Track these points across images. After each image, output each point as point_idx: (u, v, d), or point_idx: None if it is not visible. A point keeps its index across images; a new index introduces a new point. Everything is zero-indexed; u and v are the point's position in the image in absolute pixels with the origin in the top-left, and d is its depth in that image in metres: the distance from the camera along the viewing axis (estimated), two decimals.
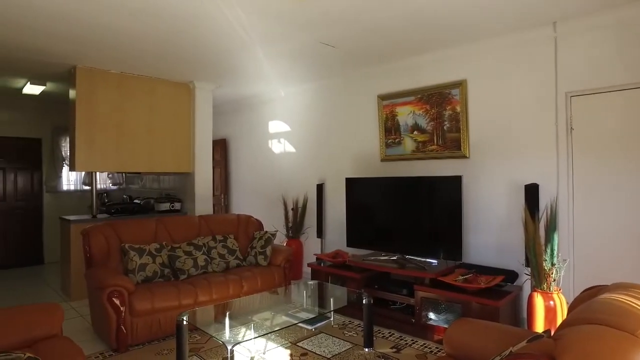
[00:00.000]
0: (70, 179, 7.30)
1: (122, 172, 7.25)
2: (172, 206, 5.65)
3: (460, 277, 3.53)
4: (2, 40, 3.92)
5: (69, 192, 7.30)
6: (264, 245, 4.58)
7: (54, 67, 4.77)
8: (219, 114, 7.32)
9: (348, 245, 4.67)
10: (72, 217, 5.03)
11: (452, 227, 3.78)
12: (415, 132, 4.51)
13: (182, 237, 4.39)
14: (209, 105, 5.74)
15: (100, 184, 7.65)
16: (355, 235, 4.63)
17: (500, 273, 3.59)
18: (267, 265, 4.50)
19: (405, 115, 4.58)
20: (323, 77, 5.40)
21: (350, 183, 4.73)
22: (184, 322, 2.81)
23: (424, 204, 4.09)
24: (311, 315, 3.27)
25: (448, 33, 3.81)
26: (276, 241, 4.94)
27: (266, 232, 4.73)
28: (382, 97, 4.79)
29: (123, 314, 3.35)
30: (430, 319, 3.61)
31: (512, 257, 3.75)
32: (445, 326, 3.46)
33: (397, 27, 3.64)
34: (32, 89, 5.72)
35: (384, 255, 4.32)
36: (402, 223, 4.19)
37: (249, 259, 4.57)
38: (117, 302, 3.33)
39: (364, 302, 3.28)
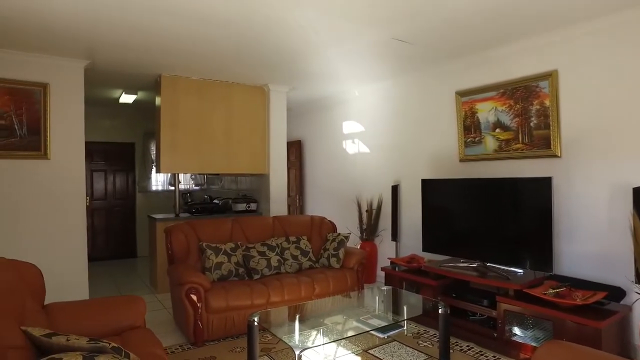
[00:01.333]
0: (158, 180, 7.86)
1: (203, 174, 7.66)
2: (248, 207, 5.82)
3: (551, 291, 3.17)
4: (105, 58, 4.35)
5: (157, 192, 7.86)
6: (337, 247, 4.53)
7: (144, 77, 5.14)
8: (294, 116, 7.43)
9: (424, 250, 4.44)
10: (157, 216, 5.39)
11: (541, 234, 3.41)
12: (497, 130, 4.17)
13: (256, 237, 4.48)
14: (283, 107, 5.83)
15: (184, 184, 8.15)
16: (431, 239, 4.39)
17: (602, 289, 3.15)
18: (340, 267, 4.44)
19: (486, 112, 4.25)
20: (397, 75, 5.22)
21: (427, 184, 4.50)
22: (255, 323, 2.83)
23: (507, 207, 3.74)
24: (384, 323, 3.13)
25: (534, 20, 3.45)
26: (350, 243, 4.87)
27: (339, 234, 4.67)
28: (460, 94, 4.50)
29: (200, 310, 3.49)
30: (515, 334, 3.29)
31: (618, 271, 3.27)
32: (534, 344, 3.13)
33: (477, 17, 3.37)
34: (126, 99, 6.23)
35: (462, 262, 4.04)
36: (483, 228, 3.88)
37: (321, 261, 4.54)
38: (195, 298, 3.47)
39: (440, 311, 3.07)
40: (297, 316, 3.16)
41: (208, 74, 5.13)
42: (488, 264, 3.81)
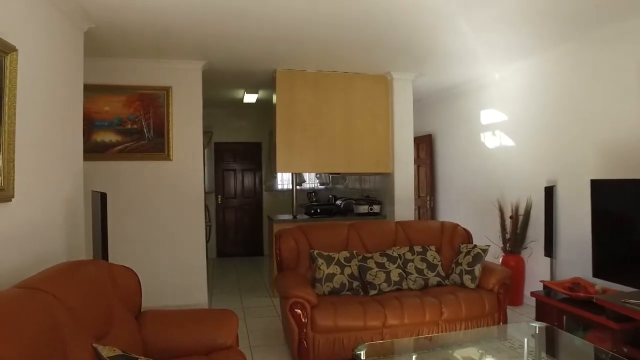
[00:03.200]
0: (283, 179, 7.86)
1: (325, 173, 7.40)
2: (371, 209, 5.30)
3: None
4: (220, 56, 4.31)
5: (282, 191, 7.86)
6: (471, 262, 3.71)
7: (260, 74, 5.02)
8: (423, 108, 6.66)
9: (595, 275, 3.34)
10: (275, 217, 5.22)
11: None
12: None
13: (375, 245, 3.93)
14: (408, 98, 5.15)
15: (309, 183, 8.01)
16: (606, 261, 3.28)
17: None
18: (475, 287, 3.62)
19: None
20: (548, 47, 4.12)
21: (599, 186, 3.39)
22: (362, 358, 2.30)
23: None
24: None
25: None
26: (489, 256, 3.98)
27: (475, 245, 3.84)
28: None
29: (305, 328, 3.08)
30: None
31: None
32: None
33: None
34: (249, 98, 6.27)
35: None
36: None
37: (452, 278, 3.78)
38: (300, 314, 3.08)
39: None
40: (414, 354, 2.53)
41: (325, 64, 4.75)
42: None
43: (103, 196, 2.98)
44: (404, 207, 5.08)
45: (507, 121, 5.00)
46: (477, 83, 5.41)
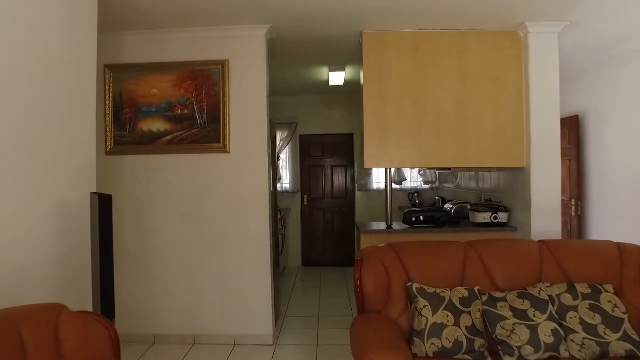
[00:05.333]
0: (379, 177, 6.62)
1: (430, 168, 5.97)
2: (495, 218, 3.83)
3: None
4: (287, 17, 3.29)
5: (379, 191, 6.63)
6: None
7: (345, 43, 3.90)
8: (565, 80, 4.89)
9: None
10: (364, 226, 4.03)
11: None
12: None
13: (509, 279, 2.55)
14: (553, 60, 3.58)
15: (410, 181, 6.66)
16: None
17: None
18: None
19: None
20: None
21: None
22: None
23: None
24: None
25: None
26: None
27: None
28: None
29: None
30: None
31: None
32: None
33: None
34: (335, 79, 5.20)
35: None
36: None
37: None
38: None
39: None
40: None
41: (428, 21, 3.45)
42: None
43: (105, 200, 2.12)
44: (545, 217, 3.53)
45: None
46: None
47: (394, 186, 6.51)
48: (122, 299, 3.45)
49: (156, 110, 3.50)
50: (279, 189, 6.65)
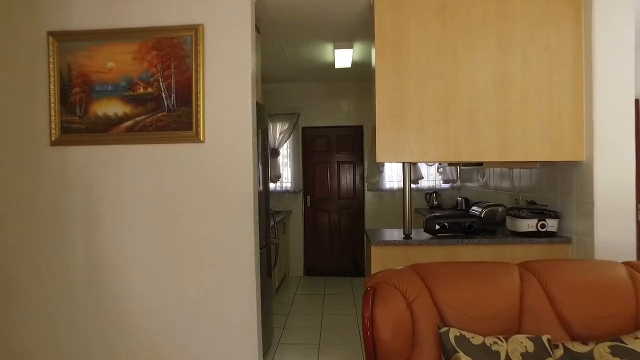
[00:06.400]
0: (392, 175, 5.84)
1: (454, 164, 5.16)
2: (541, 225, 3.03)
3: None
4: None
5: (392, 191, 5.84)
6: None
7: (352, 6, 3.12)
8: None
9: None
10: (376, 236, 3.24)
11: None
12: None
13: (591, 321, 1.76)
14: (626, 23, 2.76)
15: (427, 180, 5.86)
16: None
17: None
18: None
19: None
20: None
21: None
22: None
23: None
24: None
25: None
26: None
27: None
28: None
29: None
30: None
31: None
32: None
33: None
34: (341, 58, 4.43)
35: None
36: None
37: None
38: None
39: None
40: None
41: None
42: None
43: None
44: (613, 225, 2.71)
45: None
46: None
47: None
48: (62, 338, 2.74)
49: (113, 89, 2.76)
50: (278, 188, 5.92)
